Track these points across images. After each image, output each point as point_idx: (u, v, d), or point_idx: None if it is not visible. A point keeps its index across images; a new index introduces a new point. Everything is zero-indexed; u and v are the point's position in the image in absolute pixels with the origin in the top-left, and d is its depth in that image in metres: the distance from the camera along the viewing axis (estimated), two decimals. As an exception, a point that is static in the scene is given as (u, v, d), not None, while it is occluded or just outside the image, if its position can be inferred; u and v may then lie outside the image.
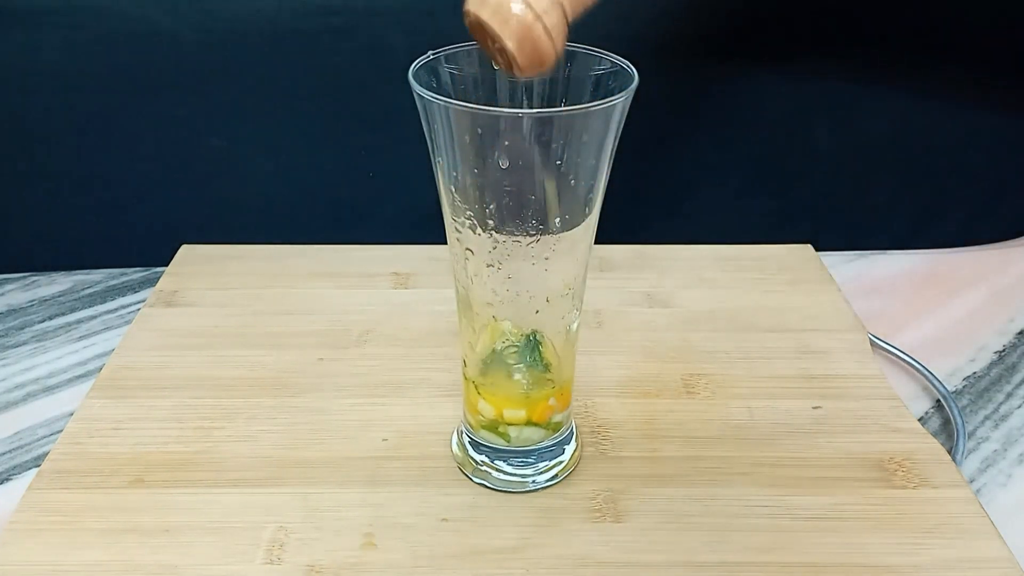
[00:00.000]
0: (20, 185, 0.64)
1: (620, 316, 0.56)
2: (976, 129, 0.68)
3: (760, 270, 0.61)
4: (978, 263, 0.64)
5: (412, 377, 0.50)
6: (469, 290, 0.39)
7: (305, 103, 0.64)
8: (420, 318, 0.55)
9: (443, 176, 0.37)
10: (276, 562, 0.38)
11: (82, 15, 0.59)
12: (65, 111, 0.62)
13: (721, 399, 0.48)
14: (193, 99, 0.63)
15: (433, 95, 0.34)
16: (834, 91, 0.66)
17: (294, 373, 0.50)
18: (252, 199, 0.67)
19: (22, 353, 0.54)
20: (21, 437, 0.48)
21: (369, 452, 0.44)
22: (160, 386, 0.49)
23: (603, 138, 0.35)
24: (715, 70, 0.65)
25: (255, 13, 0.60)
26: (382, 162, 0.66)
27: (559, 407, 0.42)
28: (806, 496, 0.42)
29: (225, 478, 0.43)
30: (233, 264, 0.61)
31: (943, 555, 0.39)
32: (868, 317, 0.56)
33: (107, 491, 0.42)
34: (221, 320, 0.55)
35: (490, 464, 0.43)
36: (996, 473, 0.46)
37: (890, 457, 0.44)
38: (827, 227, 0.69)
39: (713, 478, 0.43)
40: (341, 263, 0.61)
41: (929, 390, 0.51)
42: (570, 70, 0.37)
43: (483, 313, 0.40)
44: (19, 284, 0.62)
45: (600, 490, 0.42)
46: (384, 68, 0.61)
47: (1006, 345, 0.55)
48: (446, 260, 0.41)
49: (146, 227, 0.67)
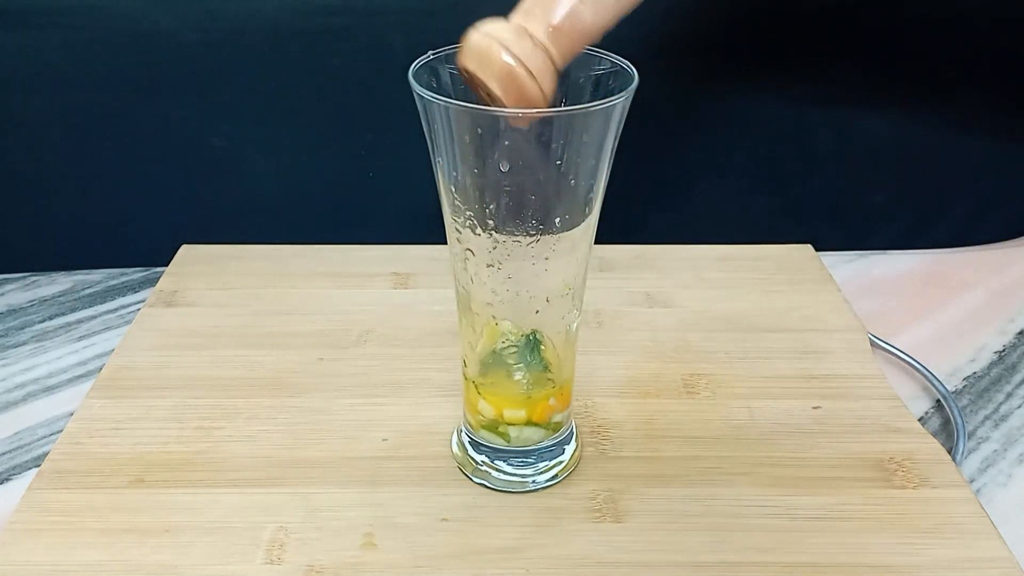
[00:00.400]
0: (20, 185, 0.64)
1: (620, 316, 0.56)
2: (976, 129, 0.68)
3: (760, 270, 0.61)
4: (978, 263, 0.64)
5: (412, 377, 0.50)
6: (469, 290, 0.39)
7: (305, 103, 0.64)
8: (420, 318, 0.55)
9: (443, 176, 0.37)
10: (276, 562, 0.38)
11: (82, 15, 0.59)
12: (65, 111, 0.62)
13: (721, 399, 0.48)
14: (193, 99, 0.63)
15: (433, 95, 0.34)
16: (834, 91, 0.66)
17: (294, 373, 0.50)
18: (252, 199, 0.67)
19: (22, 353, 0.54)
20: (21, 437, 0.48)
21: (369, 452, 0.44)
22: (160, 386, 0.49)
23: (603, 138, 0.35)
24: (715, 70, 0.65)
25: (255, 13, 0.60)
26: (382, 162, 0.66)
27: (559, 407, 0.42)
28: (806, 496, 0.42)
29: (225, 478, 0.43)
30: (233, 264, 0.61)
31: (943, 555, 0.39)
32: (868, 317, 0.56)
33: (107, 491, 0.42)
34: (221, 320, 0.55)
35: (490, 464, 0.43)
36: (996, 473, 0.46)
37: (890, 457, 0.44)
38: (827, 227, 0.69)
39: (713, 478, 0.43)
40: (341, 263, 0.61)
41: (929, 390, 0.51)
42: (570, 70, 0.37)
43: (483, 313, 0.40)
44: (19, 284, 0.62)
45: (600, 490, 0.42)
46: (384, 68, 0.61)
47: (1006, 345, 0.55)
48: (446, 260, 0.41)
49: (146, 227, 0.67)
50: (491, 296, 0.39)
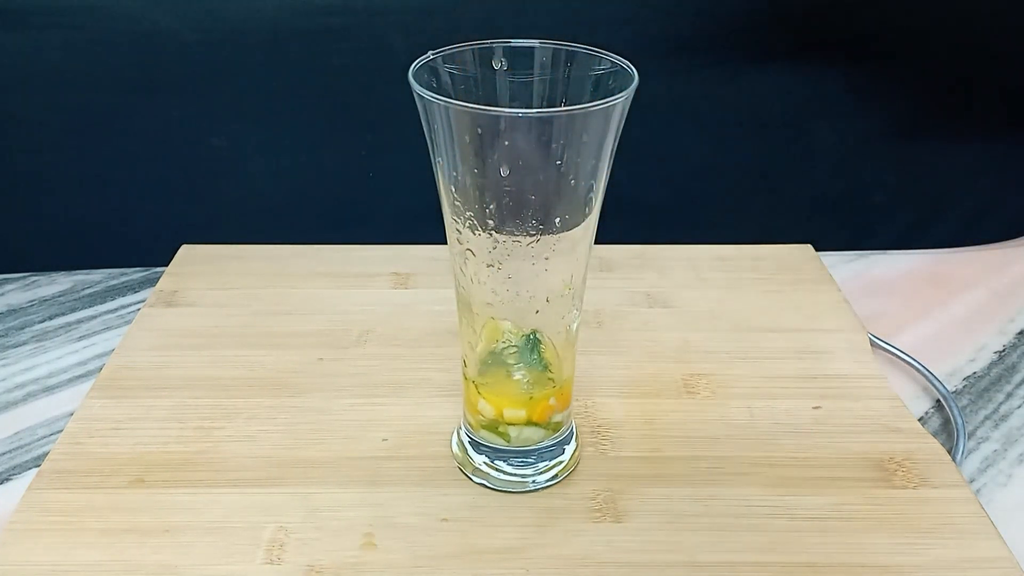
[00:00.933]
0: (20, 185, 0.64)
1: (620, 316, 0.56)
2: (976, 129, 0.68)
3: (760, 270, 0.61)
4: (978, 263, 0.64)
5: (412, 377, 0.50)
6: (469, 290, 0.39)
7: (305, 103, 0.64)
8: (420, 318, 0.55)
9: (443, 176, 0.37)
10: (276, 562, 0.38)
11: (82, 15, 0.59)
12: (65, 111, 0.62)
13: (721, 399, 0.48)
14: (193, 99, 0.63)
15: (433, 95, 0.34)
16: (834, 91, 0.66)
17: (294, 373, 0.50)
18: (252, 199, 0.67)
19: (22, 353, 0.54)
20: (21, 437, 0.48)
21: (369, 452, 0.44)
22: (160, 386, 0.49)
23: (603, 138, 0.35)
24: (715, 70, 0.65)
25: (255, 13, 0.60)
26: (382, 162, 0.66)
27: (559, 407, 0.42)
28: (806, 496, 0.42)
29: (225, 478, 0.43)
30: (233, 264, 0.61)
31: (943, 555, 0.39)
32: (868, 317, 0.56)
33: (107, 491, 0.42)
34: (221, 320, 0.55)
35: (490, 464, 0.43)
36: (996, 473, 0.46)
37: (890, 457, 0.44)
38: (827, 227, 0.69)
39: (713, 478, 0.43)
40: (341, 263, 0.61)
41: (929, 390, 0.51)
42: (570, 70, 0.37)
43: (483, 313, 0.40)
44: (19, 284, 0.62)
45: (600, 490, 0.42)
46: (384, 68, 0.61)
47: (1006, 345, 0.55)
48: (446, 260, 0.41)
49: (146, 227, 0.67)
50: (491, 296, 0.39)
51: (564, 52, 0.36)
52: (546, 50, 0.37)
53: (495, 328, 0.40)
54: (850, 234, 0.70)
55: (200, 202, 0.66)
